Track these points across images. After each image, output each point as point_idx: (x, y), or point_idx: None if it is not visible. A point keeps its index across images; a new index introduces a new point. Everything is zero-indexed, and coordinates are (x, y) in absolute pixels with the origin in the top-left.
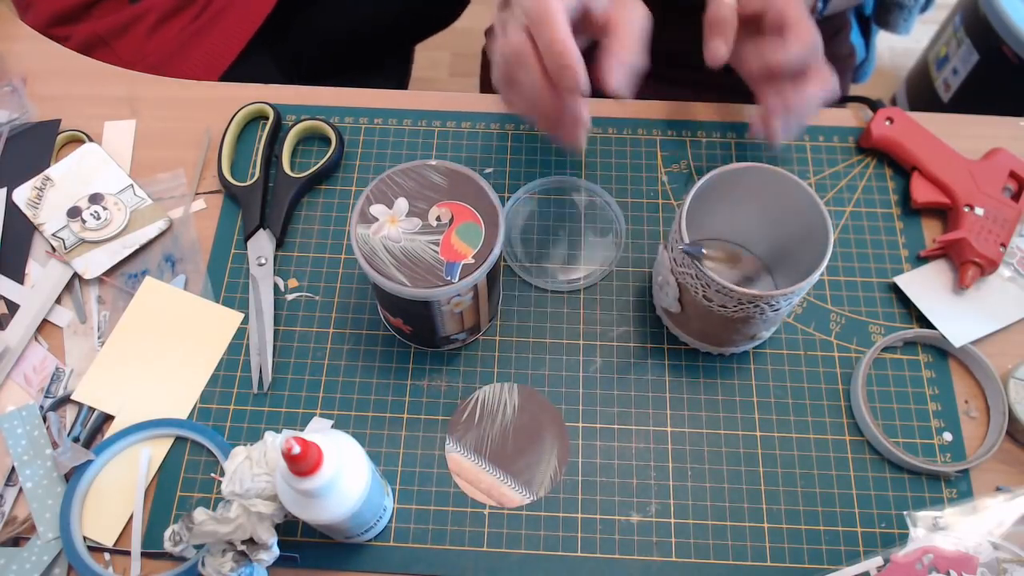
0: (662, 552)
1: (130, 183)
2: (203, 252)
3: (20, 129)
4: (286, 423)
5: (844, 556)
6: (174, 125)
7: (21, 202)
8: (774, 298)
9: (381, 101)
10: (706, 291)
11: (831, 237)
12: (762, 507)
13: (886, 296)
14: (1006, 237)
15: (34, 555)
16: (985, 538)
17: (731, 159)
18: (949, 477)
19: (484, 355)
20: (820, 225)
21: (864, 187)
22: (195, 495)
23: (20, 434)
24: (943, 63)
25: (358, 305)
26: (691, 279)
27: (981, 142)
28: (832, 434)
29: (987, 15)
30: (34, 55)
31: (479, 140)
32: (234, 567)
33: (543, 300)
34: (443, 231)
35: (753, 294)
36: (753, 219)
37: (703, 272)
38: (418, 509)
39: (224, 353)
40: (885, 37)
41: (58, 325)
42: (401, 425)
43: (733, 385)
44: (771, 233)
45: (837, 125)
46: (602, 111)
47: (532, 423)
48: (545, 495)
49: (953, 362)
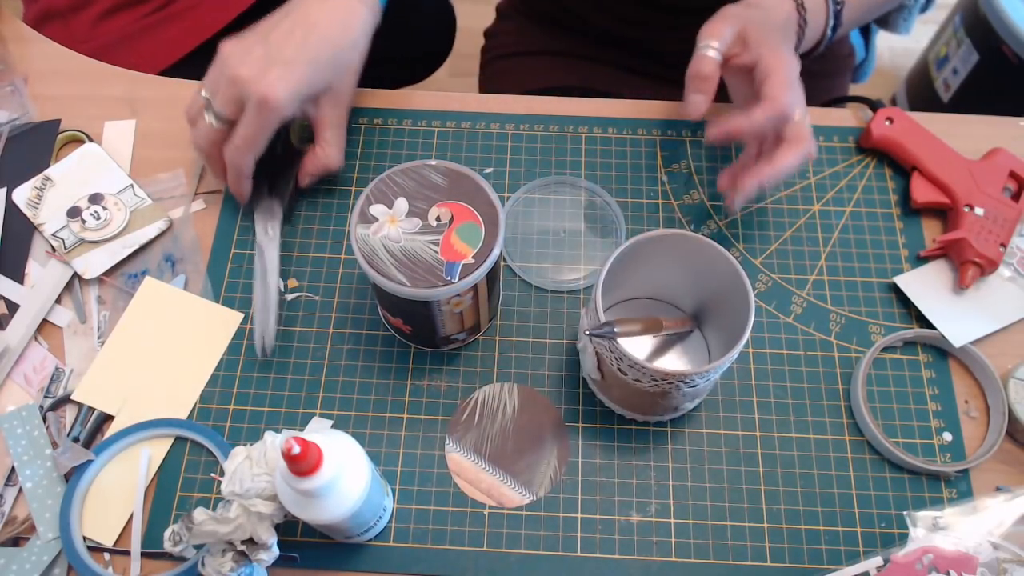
0: (662, 552)
1: (130, 183)
2: (203, 252)
3: (20, 129)
4: (286, 423)
5: (844, 556)
6: (174, 125)
7: (21, 202)
8: (689, 376)
9: (381, 101)
10: (620, 364)
11: (752, 304)
12: (762, 507)
13: (886, 296)
14: (1006, 237)
15: (34, 555)
16: (985, 538)
17: (730, 159)
18: (949, 477)
19: (484, 355)
20: (741, 289)
21: (864, 187)
22: (195, 495)
23: (20, 434)
24: (943, 63)
25: (358, 305)
26: (606, 351)
27: (981, 142)
28: (832, 434)
29: (987, 15)
30: (34, 55)
31: (479, 140)
32: (234, 567)
33: (543, 300)
34: (443, 231)
35: (666, 372)
36: (678, 279)
37: (616, 346)
38: (418, 509)
39: (224, 353)
40: (885, 37)
41: (58, 325)
42: (401, 425)
43: (733, 385)
44: (697, 293)
45: (837, 125)
46: (602, 111)
47: (532, 423)
48: (545, 495)
49: (953, 362)
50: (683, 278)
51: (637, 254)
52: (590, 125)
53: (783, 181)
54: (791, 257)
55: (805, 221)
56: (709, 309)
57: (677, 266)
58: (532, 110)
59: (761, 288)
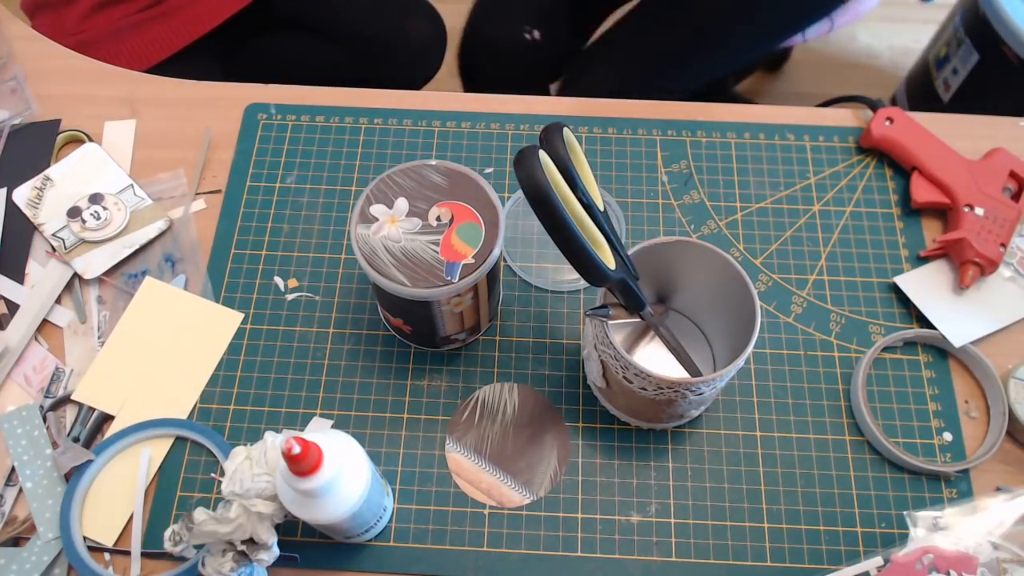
0: (662, 552)
1: (130, 183)
2: (203, 252)
3: (20, 128)
4: (286, 423)
5: (844, 556)
6: (174, 125)
7: (21, 202)
8: (695, 385)
9: (381, 101)
10: (626, 372)
11: (758, 313)
12: (762, 507)
13: (886, 296)
14: (1006, 237)
15: (34, 555)
16: (985, 538)
17: (731, 159)
18: (949, 477)
19: (484, 355)
20: (747, 297)
21: (864, 187)
22: (195, 495)
23: (20, 434)
24: (943, 63)
25: (358, 305)
26: (612, 359)
27: (981, 142)
28: (832, 434)
29: (987, 15)
30: (34, 55)
31: (479, 140)
32: (234, 567)
33: (543, 300)
34: (443, 231)
35: (673, 380)
36: (683, 284)
37: (621, 353)
38: (418, 509)
39: (224, 353)
40: (885, 37)
41: (58, 325)
42: (401, 425)
43: (734, 385)
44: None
45: (837, 125)
46: (602, 111)
47: (532, 423)
48: (545, 495)
49: (953, 362)
50: (688, 283)
51: (641, 260)
52: (590, 125)
53: (783, 181)
54: (791, 257)
55: (805, 221)
56: (714, 315)
57: (683, 272)
58: (532, 110)
59: (761, 288)
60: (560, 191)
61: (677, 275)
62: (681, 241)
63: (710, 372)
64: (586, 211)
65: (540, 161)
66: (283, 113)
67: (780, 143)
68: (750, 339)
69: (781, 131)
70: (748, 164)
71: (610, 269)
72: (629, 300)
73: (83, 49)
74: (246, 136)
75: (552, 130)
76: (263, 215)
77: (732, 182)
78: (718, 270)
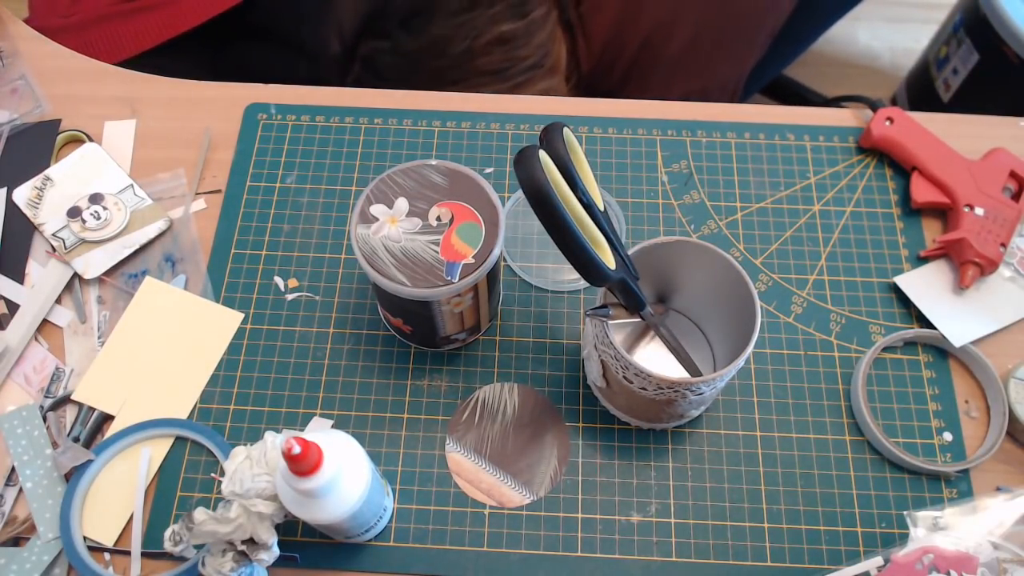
0: (662, 552)
1: (130, 183)
2: (203, 252)
3: (20, 128)
4: (286, 423)
5: (844, 556)
6: (174, 125)
7: (21, 202)
8: (695, 384)
9: (381, 101)
10: (626, 372)
11: (758, 314)
12: (762, 507)
13: (886, 296)
14: (1006, 237)
15: (34, 555)
16: (985, 538)
17: (731, 159)
18: (949, 477)
19: (484, 355)
20: (747, 297)
21: (864, 187)
22: (195, 495)
23: (20, 434)
24: (943, 63)
25: (358, 305)
26: (612, 359)
27: (981, 142)
28: (832, 434)
29: (987, 15)
30: (34, 55)
31: (479, 140)
32: (234, 567)
33: (543, 300)
34: (443, 231)
35: (673, 380)
36: (683, 284)
37: (621, 353)
38: (418, 509)
39: (224, 353)
40: (885, 37)
41: (58, 325)
42: (401, 425)
43: (734, 385)
44: (702, 297)
45: (837, 125)
46: (602, 111)
47: (532, 423)
48: (545, 495)
49: (953, 362)
50: (688, 283)
51: (641, 260)
52: (590, 125)
53: (783, 181)
54: (791, 257)
55: (805, 221)
56: (714, 315)
57: (683, 272)
58: (532, 110)
59: (761, 288)
60: (560, 191)
61: (677, 275)
62: (681, 241)
63: (710, 372)
64: (586, 211)
65: (540, 161)
66: (283, 113)
67: (780, 143)
68: (750, 339)
69: (781, 131)
70: (748, 164)
71: (610, 269)
72: (629, 300)
73: (67, 33)
74: (246, 136)
75: (552, 130)
76: (263, 215)
77: (732, 182)
78: (718, 270)
